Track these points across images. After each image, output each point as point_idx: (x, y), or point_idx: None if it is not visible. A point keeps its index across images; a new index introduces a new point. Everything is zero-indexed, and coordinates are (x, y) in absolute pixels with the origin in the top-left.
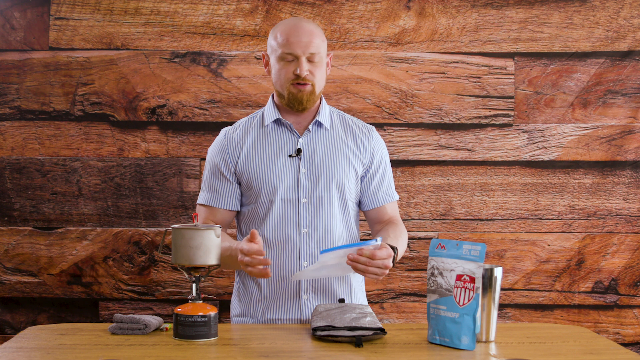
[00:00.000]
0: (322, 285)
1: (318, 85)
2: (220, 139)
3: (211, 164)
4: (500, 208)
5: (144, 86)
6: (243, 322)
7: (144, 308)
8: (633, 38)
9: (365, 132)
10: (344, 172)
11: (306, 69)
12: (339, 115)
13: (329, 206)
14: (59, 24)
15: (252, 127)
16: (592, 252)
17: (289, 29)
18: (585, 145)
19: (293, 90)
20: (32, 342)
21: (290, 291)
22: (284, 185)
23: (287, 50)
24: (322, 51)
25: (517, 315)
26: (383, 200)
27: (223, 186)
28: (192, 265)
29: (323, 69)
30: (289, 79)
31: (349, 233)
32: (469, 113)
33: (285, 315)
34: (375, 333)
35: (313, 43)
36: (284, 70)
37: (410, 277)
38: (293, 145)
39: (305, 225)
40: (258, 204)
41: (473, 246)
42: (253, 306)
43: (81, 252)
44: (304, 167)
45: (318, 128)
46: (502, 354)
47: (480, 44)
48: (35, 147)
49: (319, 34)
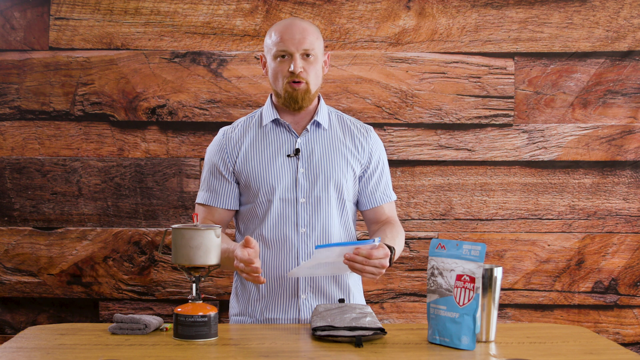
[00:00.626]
0: (320, 285)
1: (313, 83)
2: (219, 138)
3: (210, 163)
4: (500, 208)
5: (144, 86)
6: (242, 321)
7: (144, 308)
8: (633, 38)
9: (363, 132)
10: (342, 172)
11: (300, 65)
12: (337, 115)
13: (327, 206)
14: (59, 24)
15: (250, 126)
16: (592, 252)
17: (283, 27)
18: (585, 145)
19: (289, 89)
20: (32, 342)
21: (288, 291)
22: (282, 185)
23: (280, 47)
24: (317, 49)
25: (517, 315)
26: (380, 200)
27: (222, 186)
28: (192, 265)
29: (318, 68)
30: (284, 77)
31: (347, 233)
32: (469, 113)
33: (283, 315)
34: (375, 333)
35: (307, 40)
36: (278, 67)
37: (410, 277)
38: (291, 145)
39: (303, 225)
40: (256, 204)
41: (473, 246)
42: (251, 305)
43: (81, 252)
44: (302, 167)
45: (316, 128)
46: (502, 354)
47: (480, 44)
48: (35, 147)
49: (313, 32)
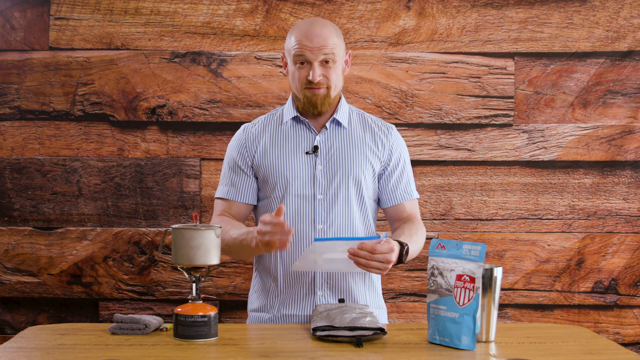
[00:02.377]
0: (337, 281)
1: (334, 87)
2: (239, 133)
3: (229, 158)
4: (500, 208)
5: (144, 86)
6: (260, 317)
7: (144, 308)
8: (633, 38)
9: (384, 130)
10: (360, 168)
11: (319, 74)
12: (358, 114)
13: (345, 202)
14: (59, 24)
15: (270, 123)
16: (592, 252)
17: (302, 33)
18: (585, 145)
19: (307, 94)
20: (32, 342)
21: (305, 287)
22: (300, 181)
23: (299, 53)
24: (337, 52)
25: (517, 315)
26: (402, 197)
27: (240, 180)
28: (192, 265)
29: (339, 70)
30: (303, 84)
31: (367, 229)
32: (469, 113)
33: (299, 311)
34: (375, 333)
35: (327, 47)
36: (297, 73)
37: (410, 277)
38: (310, 142)
39: (320, 222)
40: (273, 199)
41: (473, 246)
42: (270, 301)
43: (81, 252)
44: (320, 164)
45: (336, 126)
46: (502, 354)
47: (480, 44)
48: (35, 147)
49: (332, 35)
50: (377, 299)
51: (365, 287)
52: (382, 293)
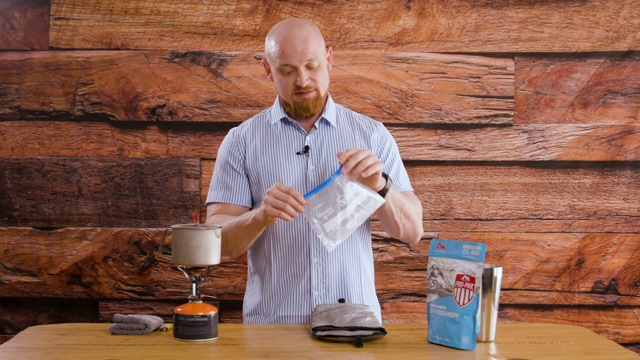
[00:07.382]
0: (333, 282)
1: (322, 87)
2: (229, 137)
3: (220, 160)
4: (500, 208)
5: (144, 86)
6: (255, 320)
7: (144, 308)
8: (633, 38)
9: (371, 126)
10: None
11: (306, 77)
12: (345, 113)
13: None
14: (59, 24)
15: (259, 126)
16: (592, 252)
17: (283, 39)
18: (585, 145)
19: (297, 99)
20: (32, 342)
21: (301, 288)
22: (292, 182)
23: (284, 62)
24: (319, 54)
25: (517, 315)
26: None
27: (234, 180)
28: (192, 265)
29: (324, 71)
30: (291, 90)
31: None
32: (469, 113)
33: (296, 312)
34: (375, 333)
35: (309, 50)
36: (284, 81)
37: (410, 277)
38: (300, 142)
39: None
40: None
41: (473, 246)
42: (265, 304)
43: (81, 252)
44: (312, 164)
45: (325, 125)
46: (502, 354)
47: (480, 44)
48: (35, 147)
49: (313, 37)
50: (372, 299)
51: (362, 287)
52: (377, 294)
